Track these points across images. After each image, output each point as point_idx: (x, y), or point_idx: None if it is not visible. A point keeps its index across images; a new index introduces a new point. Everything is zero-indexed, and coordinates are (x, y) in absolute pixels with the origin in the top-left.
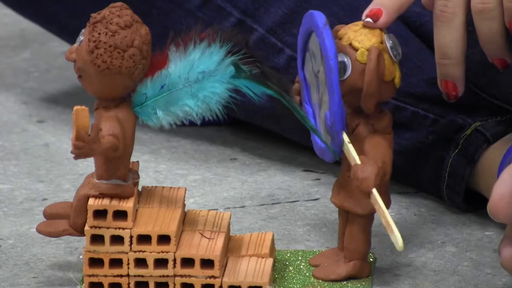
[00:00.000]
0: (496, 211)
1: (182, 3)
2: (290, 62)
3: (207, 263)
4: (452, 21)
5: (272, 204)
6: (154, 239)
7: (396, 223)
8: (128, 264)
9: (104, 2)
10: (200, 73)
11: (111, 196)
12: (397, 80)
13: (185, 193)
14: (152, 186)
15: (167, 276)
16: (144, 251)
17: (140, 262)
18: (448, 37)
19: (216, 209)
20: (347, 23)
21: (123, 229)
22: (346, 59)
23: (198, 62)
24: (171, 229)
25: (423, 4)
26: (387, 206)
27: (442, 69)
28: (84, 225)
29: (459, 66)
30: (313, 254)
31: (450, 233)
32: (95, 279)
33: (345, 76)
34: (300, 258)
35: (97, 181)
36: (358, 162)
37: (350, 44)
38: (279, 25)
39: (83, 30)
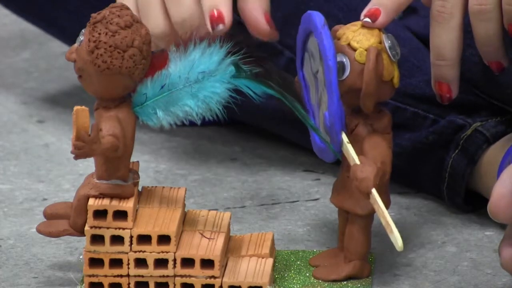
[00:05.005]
0: (496, 211)
1: None
2: (290, 64)
3: (207, 263)
4: (449, 22)
5: (272, 204)
6: (154, 239)
7: (396, 223)
8: (128, 264)
9: (104, 6)
10: (200, 73)
11: (111, 196)
12: (395, 80)
13: (185, 193)
14: (152, 186)
15: (167, 276)
16: (144, 251)
17: (140, 262)
18: (445, 38)
19: (216, 209)
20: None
21: (123, 229)
22: (344, 59)
23: (198, 62)
24: (171, 229)
25: (423, 3)
26: (387, 206)
27: (437, 70)
28: (84, 225)
29: (454, 67)
30: (313, 254)
31: (450, 233)
32: (95, 279)
33: (344, 76)
34: (300, 258)
35: (97, 181)
36: (358, 162)
37: (349, 44)
38: (278, 27)
39: (83, 30)
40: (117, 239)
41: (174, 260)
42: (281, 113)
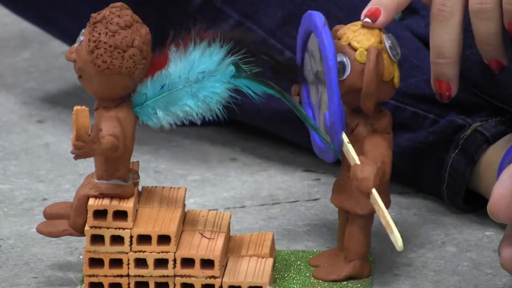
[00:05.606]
0: (496, 211)
1: (181, 5)
2: None
3: (207, 263)
4: (449, 21)
5: (272, 204)
6: (154, 239)
7: (396, 223)
8: (128, 264)
9: (104, 6)
10: (200, 73)
11: (111, 196)
12: (396, 80)
13: (185, 193)
14: (152, 186)
15: (167, 276)
16: (144, 251)
17: (140, 262)
18: (445, 36)
19: (216, 209)
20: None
21: (123, 229)
22: (345, 59)
23: (198, 62)
24: (171, 229)
25: (423, 1)
26: (387, 206)
27: (437, 68)
28: (84, 225)
29: (454, 66)
30: (313, 254)
31: (450, 233)
32: (95, 279)
33: (344, 76)
34: (300, 258)
35: (97, 181)
36: (358, 162)
37: (349, 44)
38: (279, 26)
39: (83, 30)
40: (117, 239)
41: (174, 260)
42: (281, 113)
